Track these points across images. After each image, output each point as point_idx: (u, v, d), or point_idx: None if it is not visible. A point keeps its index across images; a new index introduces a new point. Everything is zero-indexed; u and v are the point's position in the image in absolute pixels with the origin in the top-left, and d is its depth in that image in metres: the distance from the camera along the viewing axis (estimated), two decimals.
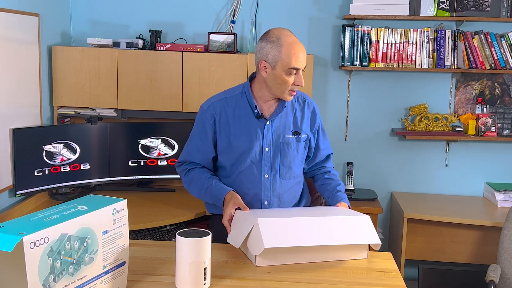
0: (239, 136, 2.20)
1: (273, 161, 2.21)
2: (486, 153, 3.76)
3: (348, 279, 1.79)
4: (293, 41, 2.10)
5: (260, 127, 2.20)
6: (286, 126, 2.23)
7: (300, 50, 2.10)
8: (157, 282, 1.71)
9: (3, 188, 2.94)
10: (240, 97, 2.23)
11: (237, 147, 2.20)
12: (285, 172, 2.24)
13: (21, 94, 3.07)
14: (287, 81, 2.12)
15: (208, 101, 2.28)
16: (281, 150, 2.21)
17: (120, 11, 3.74)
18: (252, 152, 2.19)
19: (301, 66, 2.10)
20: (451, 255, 3.56)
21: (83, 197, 1.57)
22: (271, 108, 2.22)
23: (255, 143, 2.19)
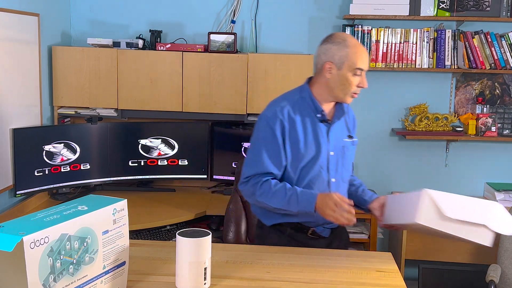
0: (307, 141, 2.13)
1: (337, 164, 2.20)
2: (486, 153, 3.76)
3: (348, 279, 1.79)
4: (358, 43, 2.16)
5: (326, 131, 2.17)
6: (343, 130, 2.24)
7: (365, 52, 2.14)
8: (157, 282, 1.71)
9: (3, 188, 2.94)
10: (302, 102, 2.18)
11: (306, 153, 2.13)
12: (346, 175, 2.25)
13: (21, 94, 3.07)
14: (352, 82, 2.13)
15: (271, 108, 2.16)
16: (342, 154, 2.21)
17: (120, 11, 3.74)
18: (321, 157, 2.15)
19: (366, 67, 2.13)
20: (451, 255, 3.56)
21: (83, 197, 1.57)
22: (329, 113, 2.21)
23: (323, 148, 2.15)
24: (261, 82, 3.44)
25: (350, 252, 2.07)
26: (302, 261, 1.92)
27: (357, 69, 2.11)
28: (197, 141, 3.58)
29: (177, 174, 3.58)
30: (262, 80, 3.44)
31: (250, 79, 3.43)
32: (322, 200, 2.00)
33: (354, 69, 2.11)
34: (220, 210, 3.18)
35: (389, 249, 3.79)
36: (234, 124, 3.59)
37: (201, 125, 3.59)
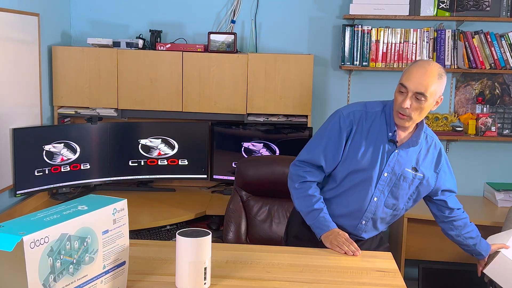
0: (366, 152, 2.14)
1: (386, 187, 2.17)
2: (486, 153, 3.76)
3: (348, 279, 1.79)
4: (421, 65, 2.05)
5: (388, 152, 2.15)
6: (409, 160, 2.17)
7: (420, 73, 2.01)
8: (157, 282, 1.71)
9: (3, 188, 2.94)
10: (379, 116, 2.17)
11: (361, 162, 2.14)
12: (390, 202, 2.20)
13: (21, 94, 3.07)
14: (396, 98, 2.08)
15: (348, 108, 2.22)
16: (396, 180, 2.17)
17: (120, 11, 3.74)
18: (373, 172, 2.14)
19: (409, 86, 2.01)
20: (451, 255, 3.56)
21: (83, 197, 1.57)
22: (403, 138, 2.17)
23: (377, 165, 2.14)
24: (261, 82, 3.44)
25: None
26: (302, 261, 1.92)
27: (400, 85, 2.05)
28: (197, 141, 3.58)
29: (177, 174, 3.58)
30: (262, 80, 3.44)
31: (250, 79, 3.43)
32: (332, 234, 2.09)
33: (399, 84, 2.06)
34: (220, 210, 3.18)
35: (389, 249, 3.78)
36: (234, 124, 3.59)
37: (201, 125, 3.59)
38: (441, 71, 2.05)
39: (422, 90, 2.00)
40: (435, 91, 2.02)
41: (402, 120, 2.08)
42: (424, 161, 2.20)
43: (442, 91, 2.07)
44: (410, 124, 2.11)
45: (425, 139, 2.21)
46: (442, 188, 2.29)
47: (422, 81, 2.00)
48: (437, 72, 2.02)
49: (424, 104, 2.03)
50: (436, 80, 2.01)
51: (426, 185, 2.22)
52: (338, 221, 2.19)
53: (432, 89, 2.01)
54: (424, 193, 2.26)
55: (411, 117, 2.06)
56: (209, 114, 3.50)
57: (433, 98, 2.04)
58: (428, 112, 2.16)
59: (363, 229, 2.23)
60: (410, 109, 2.03)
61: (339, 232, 2.09)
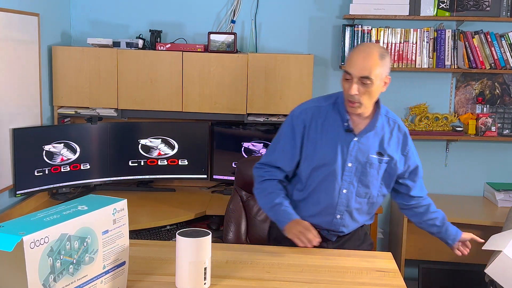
0: (324, 147, 2.14)
1: (353, 177, 2.15)
2: (486, 153, 3.76)
3: (348, 279, 1.79)
4: (361, 49, 2.05)
5: (347, 142, 2.13)
6: (372, 146, 2.15)
7: (360, 57, 2.01)
8: (157, 282, 1.71)
9: (3, 188, 2.95)
10: (332, 108, 2.16)
11: (320, 157, 2.14)
12: (362, 191, 2.18)
13: (21, 94, 3.07)
14: (343, 86, 2.07)
15: (300, 107, 2.23)
16: (362, 169, 2.15)
17: (120, 11, 3.74)
18: (335, 165, 2.13)
19: (353, 72, 2.01)
20: (451, 255, 3.53)
21: (83, 197, 1.57)
22: (360, 125, 2.15)
23: (339, 157, 2.13)
24: (261, 82, 3.44)
25: (350, 252, 2.07)
26: (302, 261, 1.92)
27: (345, 73, 2.04)
28: (197, 141, 3.58)
29: (177, 174, 3.58)
30: (262, 80, 3.44)
31: (250, 79, 3.43)
32: (293, 224, 2.09)
33: (344, 72, 2.06)
34: (220, 210, 3.18)
35: (389, 249, 3.78)
36: (234, 124, 3.59)
37: (201, 125, 3.59)
38: (383, 52, 2.04)
39: (366, 74, 1.99)
40: (380, 73, 2.02)
41: (353, 108, 2.07)
42: (389, 144, 2.18)
43: (387, 71, 2.07)
44: (362, 110, 2.09)
45: (387, 122, 2.20)
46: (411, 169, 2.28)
47: (365, 65, 2.00)
48: (378, 54, 2.01)
49: (371, 87, 2.02)
50: (378, 61, 2.00)
51: (395, 168, 2.20)
52: (314, 220, 2.18)
53: (377, 71, 2.00)
54: (394, 176, 2.24)
55: (361, 103, 2.05)
56: (209, 114, 3.50)
57: (380, 80, 2.03)
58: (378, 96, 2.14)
59: (340, 224, 2.20)
60: (358, 95, 2.02)
61: (299, 221, 2.09)
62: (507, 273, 2.36)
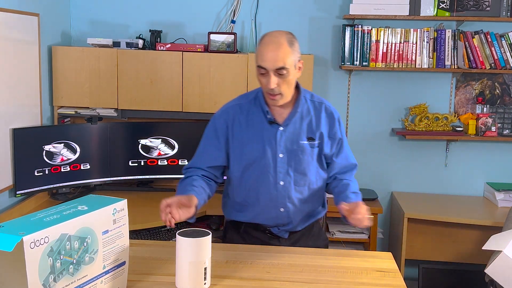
0: (252, 142, 2.13)
1: (288, 167, 2.13)
2: (486, 153, 3.76)
3: (348, 279, 1.79)
4: (269, 41, 2.00)
5: (273, 133, 2.12)
6: (301, 132, 2.13)
7: (270, 49, 1.98)
8: (157, 282, 1.71)
9: (3, 188, 2.94)
10: (254, 103, 2.17)
11: (250, 153, 2.13)
12: (300, 179, 2.15)
13: (21, 94, 3.07)
14: (260, 81, 2.05)
15: (223, 107, 2.23)
16: (295, 157, 2.12)
17: (120, 11, 3.74)
18: (266, 158, 2.12)
19: (267, 66, 1.98)
20: (451, 255, 3.56)
21: (83, 197, 1.57)
22: (284, 114, 2.14)
23: (268, 150, 2.12)
24: None
25: (350, 252, 2.07)
26: (302, 261, 1.92)
27: (258, 67, 2.02)
28: (197, 141, 3.51)
29: (177, 174, 3.58)
30: None
31: (250, 79, 3.43)
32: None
33: (257, 67, 2.03)
34: (220, 210, 3.15)
35: (389, 249, 3.78)
36: None
37: (201, 125, 3.56)
38: (290, 38, 2.02)
39: (281, 65, 1.97)
40: (293, 60, 2.01)
41: (275, 100, 2.05)
42: (319, 127, 2.16)
43: (299, 55, 2.05)
44: (284, 100, 2.07)
45: (313, 105, 2.18)
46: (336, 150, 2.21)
47: (277, 56, 1.97)
48: (286, 41, 1.99)
49: (288, 76, 2.01)
50: (289, 49, 1.99)
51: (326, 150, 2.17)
52: (260, 218, 2.17)
53: (290, 60, 1.99)
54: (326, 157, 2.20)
55: (282, 94, 2.03)
56: (209, 114, 3.48)
57: (294, 66, 2.02)
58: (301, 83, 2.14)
59: (286, 216, 2.16)
60: (278, 87, 2.00)
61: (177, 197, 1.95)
62: (507, 273, 2.36)
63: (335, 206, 2.31)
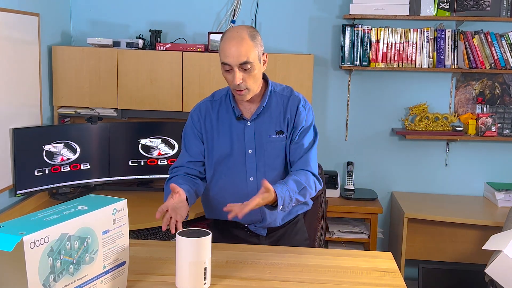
0: (221, 139, 2.13)
1: (258, 163, 2.11)
2: (486, 153, 3.76)
3: (348, 279, 1.79)
4: (230, 36, 1.98)
5: (241, 129, 2.11)
6: (270, 126, 2.11)
7: (232, 44, 1.96)
8: (157, 282, 1.71)
9: (3, 188, 2.94)
10: (224, 99, 2.17)
11: (219, 150, 2.13)
12: (271, 174, 2.11)
13: (21, 94, 3.07)
14: (226, 78, 2.03)
15: (197, 104, 2.24)
16: (264, 152, 2.10)
17: (120, 11, 3.74)
18: (235, 155, 2.11)
19: (231, 61, 1.97)
20: (451, 255, 3.56)
21: (83, 197, 1.57)
22: (252, 109, 2.13)
23: (236, 146, 2.11)
24: None
25: (350, 252, 2.07)
26: (302, 261, 1.92)
27: (223, 64, 2.01)
28: None
29: None
30: None
31: None
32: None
33: (221, 64, 2.02)
34: None
35: (389, 249, 3.78)
36: None
37: None
38: (252, 32, 2.01)
39: (244, 60, 1.96)
40: (256, 54, 1.99)
41: (242, 96, 2.03)
42: (286, 119, 2.13)
43: (262, 49, 2.04)
44: (251, 95, 2.05)
45: (281, 97, 2.14)
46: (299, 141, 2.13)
47: (240, 51, 1.95)
48: (247, 35, 1.98)
49: (253, 71, 1.99)
50: (251, 43, 1.97)
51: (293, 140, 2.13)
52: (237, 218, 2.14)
53: (253, 54, 1.97)
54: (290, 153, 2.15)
55: (248, 89, 2.02)
56: None
57: (258, 60, 2.01)
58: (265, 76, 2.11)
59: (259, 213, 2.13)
60: (243, 82, 1.99)
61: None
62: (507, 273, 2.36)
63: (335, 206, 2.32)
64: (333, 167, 3.82)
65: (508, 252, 2.35)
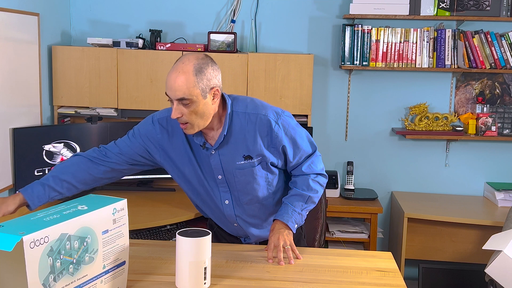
0: (186, 165, 2.00)
1: (230, 187, 2.01)
2: (486, 152, 3.76)
3: (348, 279, 1.79)
4: (174, 68, 1.81)
5: (207, 157, 1.97)
6: (236, 152, 1.96)
7: (172, 78, 1.78)
8: (157, 281, 1.71)
9: (3, 188, 2.94)
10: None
11: (188, 175, 2.03)
12: (246, 198, 2.03)
13: (21, 94, 3.07)
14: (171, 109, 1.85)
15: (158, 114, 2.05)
16: (234, 177, 1.99)
17: (120, 11, 3.74)
18: (204, 182, 2.02)
19: (171, 93, 1.80)
20: (451, 255, 3.56)
21: (83, 197, 1.57)
22: (215, 136, 1.96)
23: (204, 173, 2.00)
24: (261, 81, 3.44)
25: (350, 252, 2.07)
26: (302, 261, 1.92)
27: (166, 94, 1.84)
28: None
29: None
30: (262, 79, 3.43)
31: (250, 79, 3.43)
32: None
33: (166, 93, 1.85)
34: None
35: (389, 249, 3.78)
36: None
37: None
38: (200, 64, 1.79)
39: (181, 96, 1.78)
40: (198, 90, 1.78)
41: (186, 130, 1.87)
42: (256, 142, 1.95)
43: (211, 83, 1.82)
44: (197, 129, 1.87)
45: (247, 119, 1.95)
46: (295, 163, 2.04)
47: (177, 86, 1.77)
48: (192, 69, 1.78)
49: (194, 107, 1.80)
50: (192, 77, 1.77)
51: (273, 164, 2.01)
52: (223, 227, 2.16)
53: (193, 90, 1.78)
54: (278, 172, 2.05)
55: (191, 124, 1.84)
56: None
57: (203, 96, 1.81)
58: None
59: (242, 231, 2.12)
60: (183, 117, 1.82)
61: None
62: (507, 273, 2.36)
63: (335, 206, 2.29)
64: (333, 167, 3.83)
65: (508, 252, 2.35)
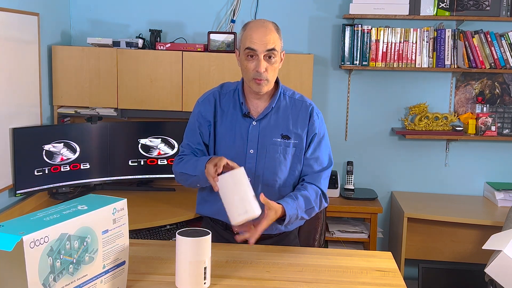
0: (224, 134, 2.07)
1: (258, 164, 2.04)
2: (486, 152, 3.76)
3: (348, 279, 1.79)
4: (257, 24, 1.98)
5: (246, 127, 2.05)
6: (276, 128, 2.04)
7: (261, 31, 1.95)
8: (157, 281, 1.71)
9: (3, 187, 2.94)
10: (233, 94, 2.11)
11: (220, 146, 2.08)
12: (269, 179, 2.05)
13: (21, 93, 3.07)
14: (247, 67, 1.98)
15: (204, 94, 2.19)
16: (266, 154, 2.03)
17: (120, 11, 3.74)
18: (235, 152, 2.03)
19: (257, 47, 1.94)
20: (451, 254, 3.56)
21: (83, 197, 1.57)
22: (259, 108, 2.07)
23: (238, 144, 2.04)
24: None
25: (350, 252, 2.07)
26: (302, 261, 1.92)
27: (247, 50, 1.96)
28: None
29: None
30: None
31: None
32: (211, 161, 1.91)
33: (244, 50, 1.97)
34: None
35: (389, 248, 3.78)
36: None
37: None
38: (276, 25, 2.03)
39: (272, 46, 1.95)
40: (280, 45, 2.01)
41: (261, 86, 1.99)
42: (296, 125, 2.07)
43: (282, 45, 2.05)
44: (268, 87, 2.02)
45: (293, 102, 2.10)
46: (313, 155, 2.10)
47: (269, 38, 1.95)
48: (274, 27, 2.00)
49: (275, 63, 1.99)
50: (277, 33, 2.00)
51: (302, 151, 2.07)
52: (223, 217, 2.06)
53: (279, 43, 1.99)
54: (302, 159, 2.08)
55: (268, 80, 1.99)
56: None
57: (280, 53, 2.02)
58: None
59: None
60: (265, 72, 1.97)
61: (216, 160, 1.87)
62: (507, 273, 2.36)
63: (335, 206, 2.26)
64: (333, 166, 3.82)
65: (508, 252, 2.35)
